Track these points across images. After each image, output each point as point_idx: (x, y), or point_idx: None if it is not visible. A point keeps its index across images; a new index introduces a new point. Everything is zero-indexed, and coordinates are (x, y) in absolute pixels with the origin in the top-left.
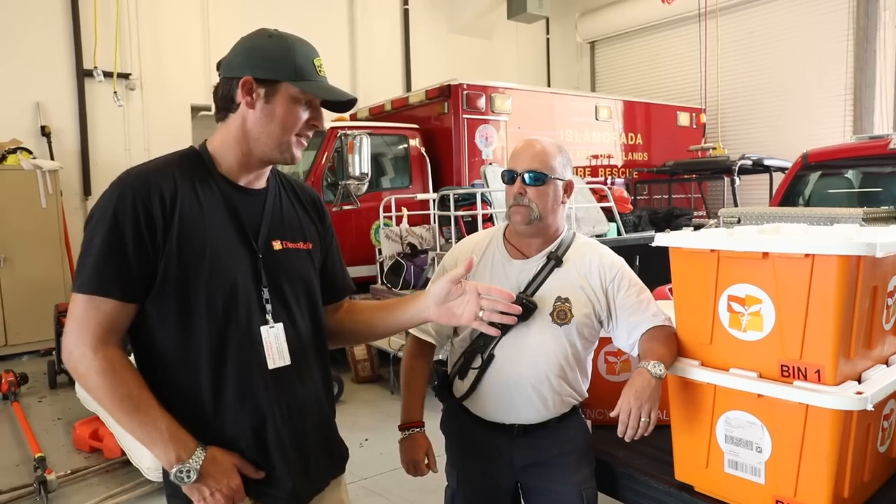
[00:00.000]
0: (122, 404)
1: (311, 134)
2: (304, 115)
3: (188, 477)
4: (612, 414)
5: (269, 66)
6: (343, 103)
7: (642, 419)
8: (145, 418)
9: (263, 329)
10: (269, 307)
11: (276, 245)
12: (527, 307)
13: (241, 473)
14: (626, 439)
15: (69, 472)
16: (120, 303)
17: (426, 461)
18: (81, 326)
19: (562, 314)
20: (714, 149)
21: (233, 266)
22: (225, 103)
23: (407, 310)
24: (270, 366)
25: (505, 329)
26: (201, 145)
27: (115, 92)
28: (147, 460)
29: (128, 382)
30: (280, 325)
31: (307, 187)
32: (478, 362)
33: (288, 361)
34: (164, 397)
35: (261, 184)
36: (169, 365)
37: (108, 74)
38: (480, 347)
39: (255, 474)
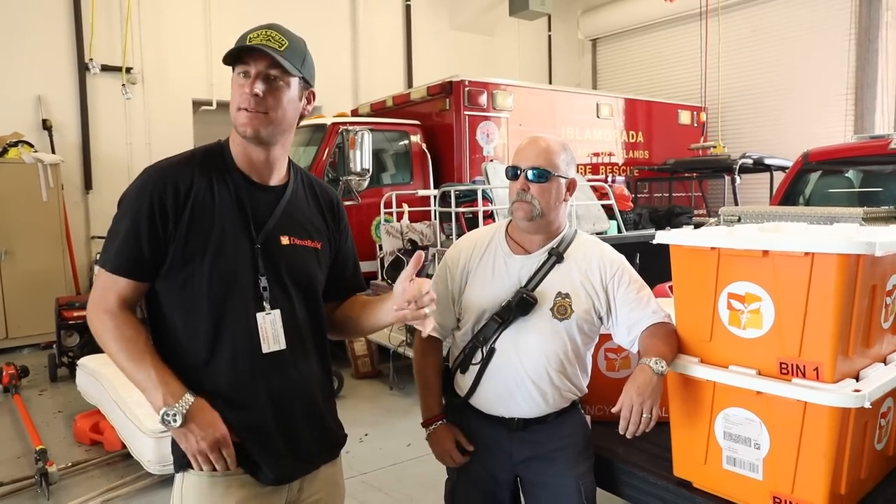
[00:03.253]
0: (122, 353)
1: (255, 104)
2: (244, 88)
3: (174, 420)
4: (614, 410)
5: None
6: (264, 53)
7: (644, 416)
8: (140, 365)
9: (259, 315)
10: (266, 294)
11: (284, 240)
12: (527, 302)
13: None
14: (628, 436)
15: (70, 464)
16: (133, 281)
17: (458, 448)
18: (101, 295)
19: (562, 309)
20: (714, 147)
21: (235, 255)
22: None
23: (383, 309)
24: (265, 349)
25: (505, 324)
26: (225, 140)
27: (123, 84)
28: (147, 453)
29: (130, 337)
30: (277, 312)
31: (327, 188)
32: (478, 357)
33: (283, 346)
34: (172, 363)
35: (276, 180)
36: (173, 339)
37: (106, 68)
38: (481, 342)
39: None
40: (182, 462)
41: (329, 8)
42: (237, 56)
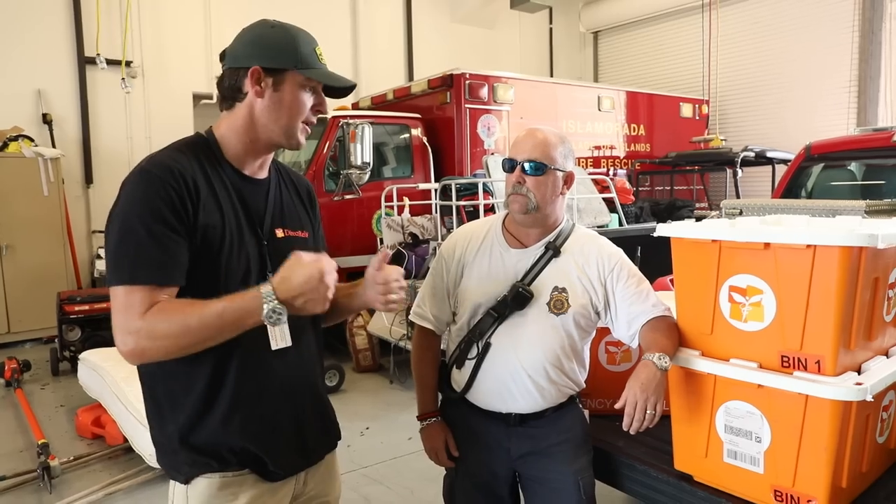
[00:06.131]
0: (193, 316)
1: (315, 120)
2: (310, 102)
3: (279, 313)
4: (618, 405)
5: (275, 55)
6: (342, 89)
7: (648, 411)
8: (208, 311)
9: None
10: None
11: (279, 233)
12: (523, 296)
13: (245, 451)
14: (632, 432)
15: (72, 458)
16: (175, 288)
17: (447, 448)
18: (136, 313)
19: (558, 304)
20: (710, 140)
21: (245, 252)
22: (232, 93)
23: (356, 294)
24: (273, 347)
25: (501, 318)
26: (208, 132)
27: (122, 78)
28: (149, 447)
29: (177, 308)
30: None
31: (302, 178)
32: (474, 352)
33: (289, 343)
34: (173, 374)
35: (263, 173)
36: None
37: (111, 62)
38: (477, 336)
39: None
40: (186, 472)
41: (329, 0)
42: (307, 65)
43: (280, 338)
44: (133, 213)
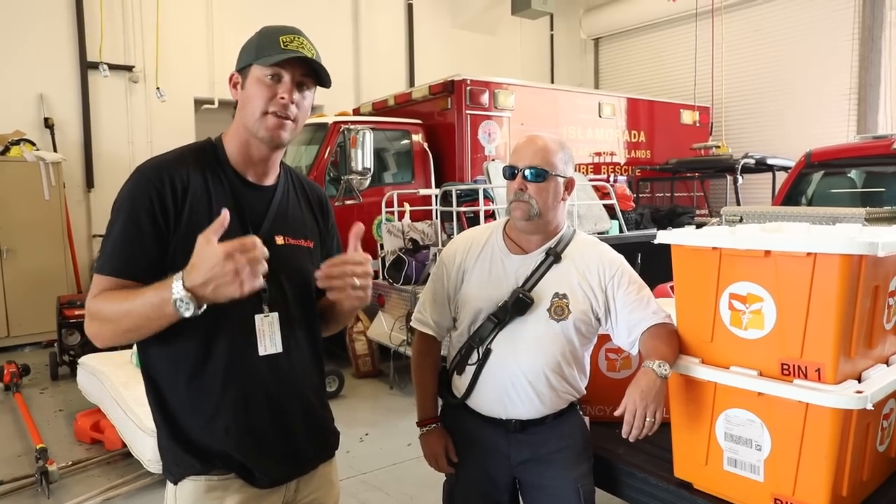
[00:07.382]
0: (121, 303)
1: (288, 113)
2: (268, 91)
3: (187, 302)
4: (617, 413)
5: (244, 56)
6: (318, 73)
7: (647, 419)
8: (137, 297)
9: (257, 317)
10: (265, 296)
11: (279, 240)
12: (524, 302)
13: (230, 457)
14: (631, 439)
15: (70, 463)
16: (136, 284)
17: (446, 454)
18: (88, 299)
19: (559, 310)
20: (718, 147)
21: None
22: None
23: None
24: (261, 352)
25: (502, 324)
26: (217, 138)
27: (157, 88)
28: (148, 452)
29: (118, 294)
30: (275, 315)
31: (315, 186)
32: (475, 358)
33: (279, 349)
34: (159, 372)
35: (269, 180)
36: (166, 343)
37: (113, 67)
38: (477, 342)
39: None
40: (175, 471)
41: (331, 7)
42: (262, 54)
43: (269, 343)
44: (117, 210)
